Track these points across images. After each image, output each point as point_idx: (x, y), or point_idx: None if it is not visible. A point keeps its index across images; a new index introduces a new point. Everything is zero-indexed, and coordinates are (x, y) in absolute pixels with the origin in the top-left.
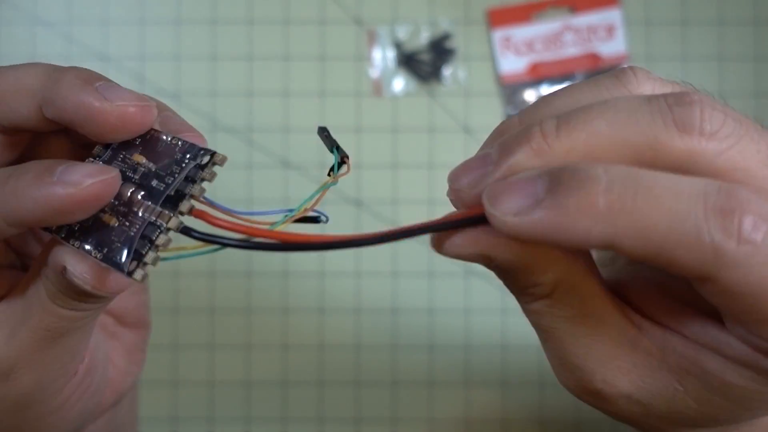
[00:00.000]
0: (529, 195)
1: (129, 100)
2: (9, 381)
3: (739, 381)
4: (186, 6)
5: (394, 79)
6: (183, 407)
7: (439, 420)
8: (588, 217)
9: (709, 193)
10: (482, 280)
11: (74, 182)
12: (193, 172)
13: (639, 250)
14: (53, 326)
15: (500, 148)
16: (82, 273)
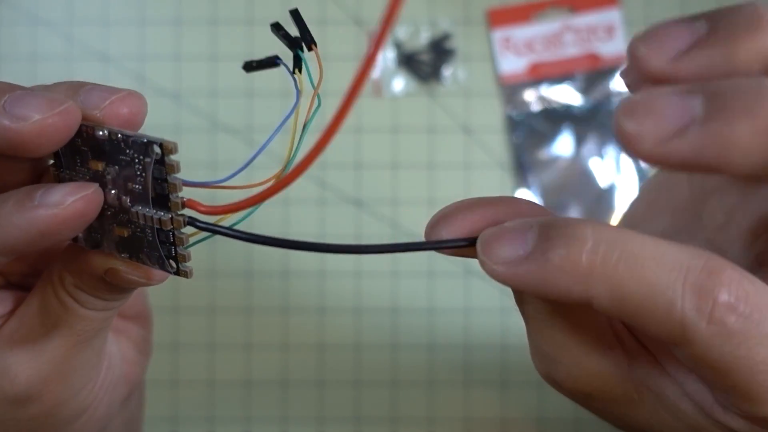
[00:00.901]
0: (519, 246)
1: (43, 110)
2: (42, 397)
3: (691, 413)
4: (186, 6)
5: (394, 80)
6: (183, 407)
7: (438, 420)
8: (569, 276)
9: (691, 268)
10: (482, 280)
11: (56, 203)
12: (157, 171)
13: (614, 313)
14: (86, 329)
15: (722, 21)
16: (135, 270)
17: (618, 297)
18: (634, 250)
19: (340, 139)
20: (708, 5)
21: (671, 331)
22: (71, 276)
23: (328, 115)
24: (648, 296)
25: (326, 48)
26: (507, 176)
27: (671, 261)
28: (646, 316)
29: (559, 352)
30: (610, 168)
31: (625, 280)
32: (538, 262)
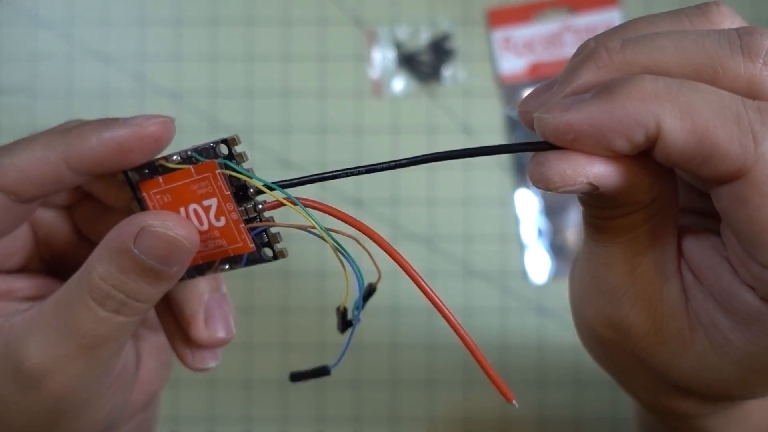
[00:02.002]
0: (576, 99)
1: (150, 119)
2: (42, 387)
3: (740, 341)
4: (186, 6)
5: (394, 80)
6: (183, 407)
7: (439, 420)
8: (636, 100)
9: (746, 99)
10: (482, 280)
11: (137, 122)
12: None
13: (684, 134)
14: (91, 332)
15: (567, 71)
16: (163, 222)
17: (687, 114)
18: (691, 82)
19: (340, 139)
20: None
21: (742, 146)
22: (103, 260)
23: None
24: (716, 110)
25: (326, 48)
26: (507, 176)
27: (727, 92)
28: (717, 130)
29: (627, 280)
30: None
31: (691, 99)
32: (601, 98)
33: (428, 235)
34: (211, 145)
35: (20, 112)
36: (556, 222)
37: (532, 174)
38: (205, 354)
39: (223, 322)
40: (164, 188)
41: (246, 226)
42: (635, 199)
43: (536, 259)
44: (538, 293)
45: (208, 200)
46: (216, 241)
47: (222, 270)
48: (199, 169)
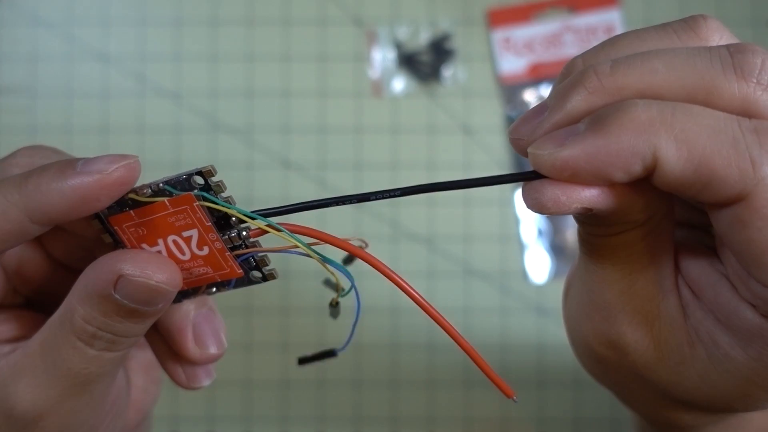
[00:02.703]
0: (569, 133)
1: (114, 162)
2: (37, 430)
3: (741, 357)
4: (186, 6)
5: (394, 80)
6: (183, 407)
7: (439, 420)
8: (631, 131)
9: (742, 118)
10: (482, 280)
11: (99, 170)
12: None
13: (681, 162)
14: (83, 371)
15: (556, 95)
16: (142, 270)
17: (683, 142)
18: (686, 105)
19: (340, 139)
20: (707, 6)
21: (740, 170)
22: (84, 304)
23: (330, 116)
24: (712, 135)
25: (326, 48)
26: None
27: (722, 113)
28: (714, 156)
29: (623, 297)
30: None
31: (686, 125)
32: (595, 131)
33: (428, 235)
34: (184, 177)
35: (20, 112)
36: (556, 222)
37: (526, 199)
38: (198, 372)
39: (213, 337)
40: (138, 221)
41: (232, 253)
42: (630, 219)
43: (536, 259)
44: (538, 293)
45: (188, 231)
46: (200, 269)
47: (209, 293)
48: (175, 202)
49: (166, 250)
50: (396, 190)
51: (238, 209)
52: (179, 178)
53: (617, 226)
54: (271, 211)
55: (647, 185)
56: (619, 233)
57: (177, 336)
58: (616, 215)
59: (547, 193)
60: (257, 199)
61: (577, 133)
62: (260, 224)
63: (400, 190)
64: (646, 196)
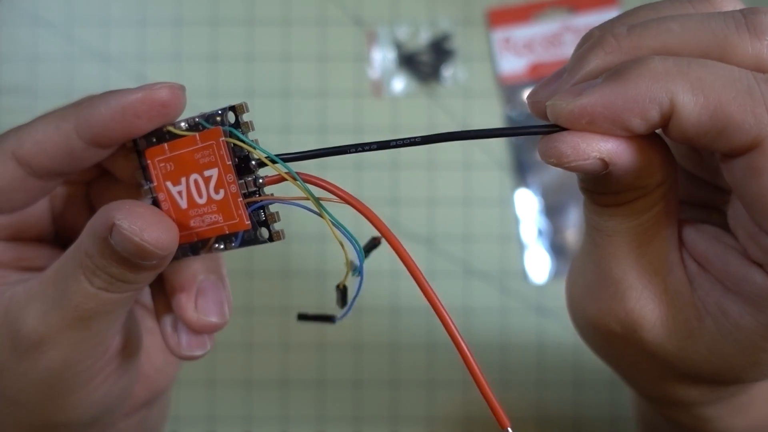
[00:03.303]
0: (587, 84)
1: (155, 84)
2: (37, 355)
3: (751, 325)
4: (186, 6)
5: (394, 80)
6: (183, 407)
7: (439, 420)
8: (648, 78)
9: (756, 72)
10: (482, 280)
11: (144, 88)
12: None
13: (697, 108)
14: (84, 308)
15: (575, 59)
16: (130, 224)
17: (699, 88)
18: (700, 59)
19: (340, 139)
20: None
21: (755, 116)
22: (89, 240)
23: (330, 116)
24: (727, 83)
25: (326, 48)
26: (506, 176)
27: (737, 67)
28: (730, 102)
29: (631, 272)
30: None
31: (702, 74)
32: (613, 80)
33: (428, 235)
34: (219, 112)
35: (20, 112)
36: (556, 222)
37: (545, 149)
38: (191, 340)
39: (216, 306)
40: (168, 155)
41: (244, 200)
42: (643, 182)
43: (536, 259)
44: (538, 293)
45: (209, 170)
46: (213, 216)
47: (216, 250)
48: (204, 136)
49: (187, 190)
50: (416, 138)
51: (261, 149)
52: (213, 113)
53: (629, 192)
54: (292, 156)
55: (662, 145)
56: (629, 202)
57: (179, 296)
58: (631, 174)
59: (567, 140)
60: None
61: (595, 85)
62: (279, 169)
63: (420, 137)
64: (662, 155)
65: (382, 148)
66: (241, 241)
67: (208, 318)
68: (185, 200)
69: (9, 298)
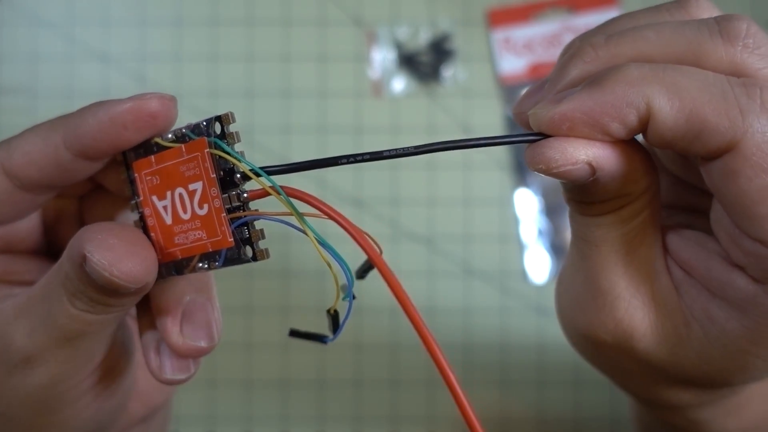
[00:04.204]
0: (570, 92)
1: (144, 95)
2: (26, 371)
3: (737, 329)
4: (186, 6)
5: (394, 80)
6: (182, 407)
7: (439, 420)
8: (624, 84)
9: (730, 77)
10: (482, 281)
11: (133, 99)
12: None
13: (673, 111)
14: (68, 328)
15: (555, 70)
16: (100, 259)
17: (675, 93)
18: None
19: (340, 139)
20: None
21: (730, 119)
22: (68, 262)
23: (330, 116)
24: (702, 88)
25: (326, 48)
26: (506, 176)
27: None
28: (705, 106)
29: (619, 281)
30: None
31: (677, 79)
32: (590, 87)
33: (428, 235)
34: (204, 123)
35: (20, 112)
36: (556, 222)
37: (532, 156)
38: (175, 363)
39: (204, 329)
40: (155, 168)
41: (227, 216)
42: (627, 189)
43: (536, 259)
44: (538, 293)
45: (194, 184)
46: (196, 232)
47: (200, 269)
48: (190, 147)
49: (172, 205)
50: (409, 148)
51: (245, 161)
52: (200, 124)
53: (616, 200)
54: (278, 168)
55: (645, 153)
56: (616, 210)
57: (164, 318)
58: (617, 181)
59: (555, 145)
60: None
61: (574, 93)
62: (263, 183)
63: (413, 147)
64: (645, 161)
65: (374, 159)
66: (224, 259)
67: (195, 343)
68: (170, 216)
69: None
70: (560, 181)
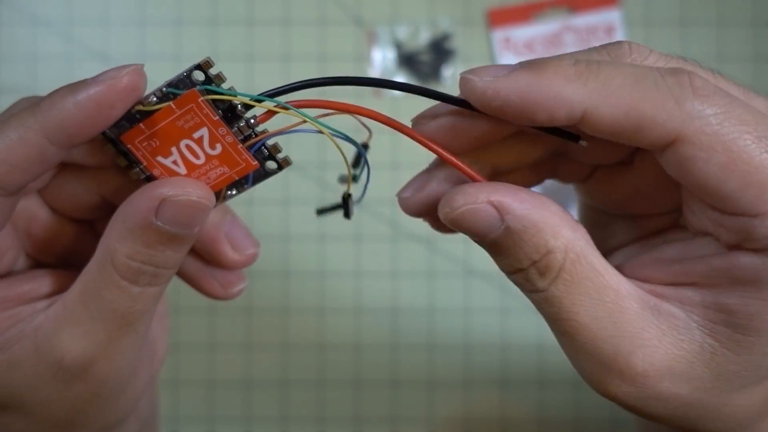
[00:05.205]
0: (505, 68)
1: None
2: (87, 377)
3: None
4: (186, 6)
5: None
6: (183, 407)
7: (439, 420)
8: (561, 78)
9: (660, 67)
10: (482, 280)
11: (110, 76)
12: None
13: (610, 108)
14: (129, 310)
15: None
16: (180, 192)
17: (611, 91)
18: (608, 62)
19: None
20: (708, 7)
21: (669, 111)
22: (125, 240)
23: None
24: (636, 81)
25: (326, 48)
26: None
27: (641, 66)
28: (642, 101)
29: (620, 341)
30: None
31: (612, 76)
32: (529, 69)
33: (428, 235)
34: (185, 74)
35: None
36: None
37: (441, 206)
38: (231, 278)
39: (247, 238)
40: (148, 133)
41: (244, 145)
42: (545, 245)
43: None
44: None
45: (198, 132)
46: (217, 169)
47: (230, 196)
48: (180, 102)
49: (181, 157)
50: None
51: (243, 94)
52: (179, 77)
53: (541, 276)
54: (275, 92)
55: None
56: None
57: (214, 246)
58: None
59: (462, 189)
60: (258, 198)
61: (513, 69)
62: (268, 105)
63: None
64: (561, 214)
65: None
66: (253, 179)
67: (247, 251)
68: (183, 167)
69: (33, 333)
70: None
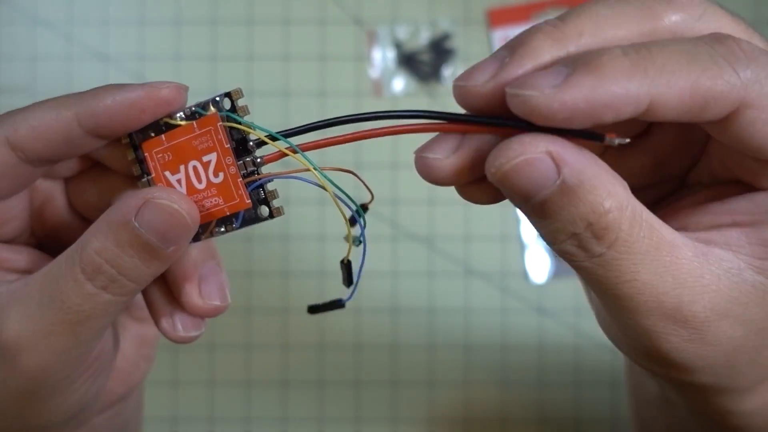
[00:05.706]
0: (557, 74)
1: (161, 83)
2: (16, 363)
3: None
4: (186, 6)
5: (394, 80)
6: (183, 407)
7: (439, 420)
8: (622, 74)
9: (700, 37)
10: (482, 280)
11: (151, 85)
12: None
13: (675, 92)
14: (75, 308)
15: (510, 45)
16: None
17: (672, 74)
18: (654, 42)
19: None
20: None
21: (729, 84)
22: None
23: (330, 116)
24: (691, 59)
25: (326, 48)
26: None
27: (683, 38)
28: (702, 77)
29: (682, 291)
30: None
31: (667, 58)
32: (587, 73)
33: (428, 235)
34: (216, 99)
35: None
36: None
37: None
38: (187, 322)
39: (219, 291)
40: (166, 146)
41: (243, 180)
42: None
43: (536, 259)
44: (538, 293)
45: (208, 156)
46: (213, 199)
47: (217, 233)
48: (202, 123)
49: (186, 176)
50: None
51: (260, 127)
52: (208, 101)
53: (601, 240)
54: (293, 131)
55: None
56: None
57: (183, 283)
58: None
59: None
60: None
61: (565, 75)
62: (280, 146)
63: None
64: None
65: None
66: (242, 220)
67: (213, 302)
68: (184, 187)
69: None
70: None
